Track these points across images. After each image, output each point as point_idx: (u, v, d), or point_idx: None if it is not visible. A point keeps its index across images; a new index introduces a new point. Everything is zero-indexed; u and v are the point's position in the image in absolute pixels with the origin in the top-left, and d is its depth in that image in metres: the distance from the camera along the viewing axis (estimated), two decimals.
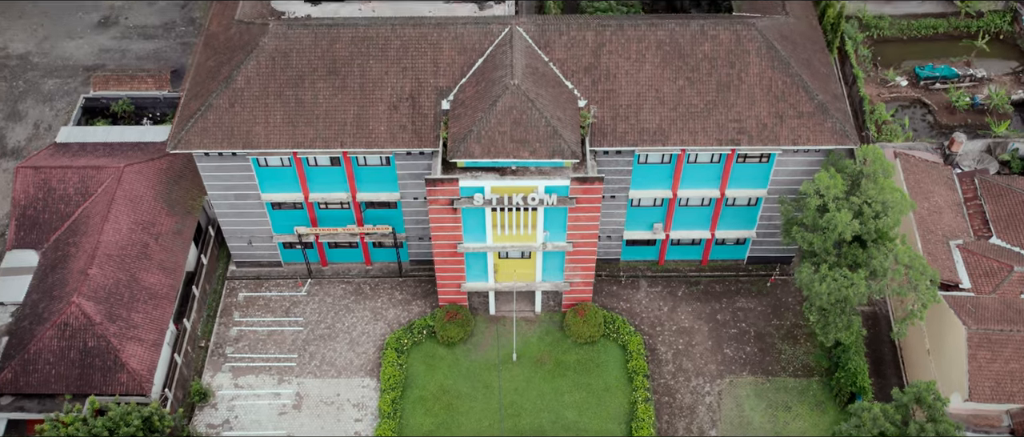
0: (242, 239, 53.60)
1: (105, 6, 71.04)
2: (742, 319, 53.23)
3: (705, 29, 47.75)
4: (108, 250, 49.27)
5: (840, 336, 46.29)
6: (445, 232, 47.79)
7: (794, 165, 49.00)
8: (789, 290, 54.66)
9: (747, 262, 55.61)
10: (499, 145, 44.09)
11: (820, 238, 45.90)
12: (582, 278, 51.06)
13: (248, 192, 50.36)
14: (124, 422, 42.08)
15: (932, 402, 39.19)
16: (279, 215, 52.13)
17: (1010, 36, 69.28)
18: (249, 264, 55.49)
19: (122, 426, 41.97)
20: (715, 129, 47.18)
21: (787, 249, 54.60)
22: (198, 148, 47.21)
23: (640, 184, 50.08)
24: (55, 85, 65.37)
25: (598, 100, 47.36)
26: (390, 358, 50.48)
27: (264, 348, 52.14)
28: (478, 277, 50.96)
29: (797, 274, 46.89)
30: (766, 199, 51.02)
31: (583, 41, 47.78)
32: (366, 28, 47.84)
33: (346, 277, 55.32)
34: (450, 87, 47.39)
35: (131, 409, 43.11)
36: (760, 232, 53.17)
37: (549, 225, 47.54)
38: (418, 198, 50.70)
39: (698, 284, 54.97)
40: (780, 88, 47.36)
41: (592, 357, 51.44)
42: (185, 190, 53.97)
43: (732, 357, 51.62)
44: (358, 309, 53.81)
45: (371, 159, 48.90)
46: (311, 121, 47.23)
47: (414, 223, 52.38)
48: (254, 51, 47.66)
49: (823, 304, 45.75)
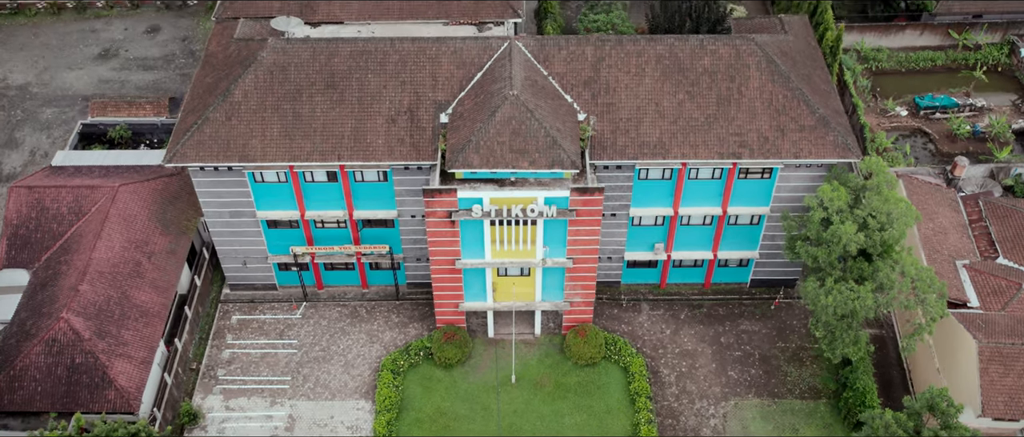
0: (237, 260, 52.72)
1: (106, 39, 71.39)
2: (746, 341, 52.06)
3: (704, 44, 47.68)
4: (100, 267, 48.38)
5: (847, 351, 45.12)
6: (443, 247, 46.97)
7: (797, 180, 48.43)
8: (794, 313, 53.59)
9: (750, 285, 54.64)
10: (498, 155, 43.59)
11: (825, 251, 45.08)
12: (583, 297, 50.05)
13: (243, 209, 49.68)
14: None
15: (945, 408, 37.91)
16: (275, 235, 51.35)
17: (1008, 68, 69.47)
18: (243, 287, 54.50)
19: None
20: (716, 142, 46.74)
21: (791, 271, 53.71)
22: (194, 161, 46.68)
23: (641, 202, 49.44)
24: (53, 114, 65.20)
25: (598, 113, 47.04)
26: (386, 379, 49.17)
27: (257, 370, 50.86)
28: (476, 296, 49.95)
29: (802, 289, 45.96)
30: (769, 217, 50.33)
31: (582, 56, 47.67)
32: (365, 43, 47.77)
33: (342, 300, 54.29)
34: (449, 101, 47.12)
35: (117, 426, 41.76)
36: (763, 252, 52.34)
37: (549, 240, 46.75)
38: (416, 216, 50.01)
39: (701, 307, 53.93)
40: (781, 102, 47.07)
41: (593, 379, 50.13)
42: (180, 211, 53.30)
43: (737, 379, 50.32)
44: (354, 331, 52.67)
45: (368, 175, 48.35)
46: (308, 134, 46.82)
47: (412, 243, 51.59)
48: (252, 65, 47.49)
49: (829, 319, 44.72)
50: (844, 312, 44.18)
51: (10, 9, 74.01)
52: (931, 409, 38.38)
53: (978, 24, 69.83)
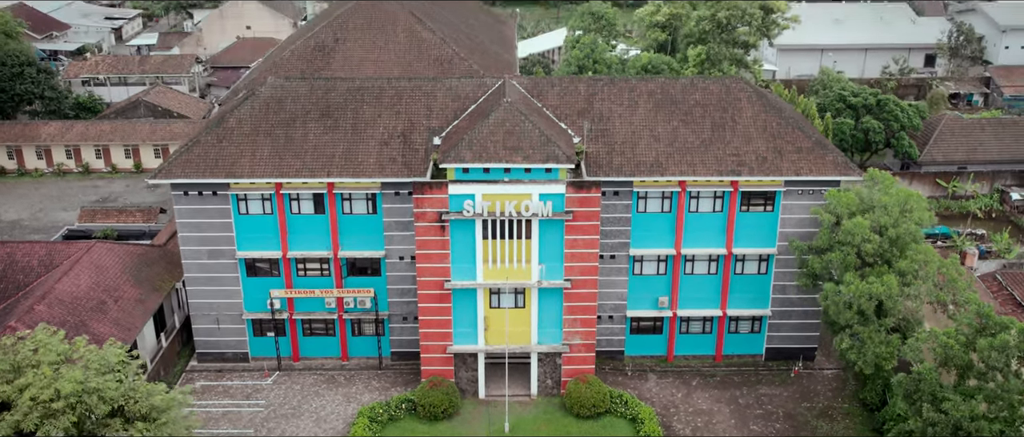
0: (209, 318, 48.86)
1: (106, 192, 72.25)
2: (767, 403, 46.62)
3: (694, 83, 48.69)
4: (61, 296, 44.88)
5: (878, 351, 40.33)
6: (431, 264, 43.97)
7: (801, 212, 46.65)
8: (817, 379, 48.59)
9: (765, 357, 50.13)
10: (491, 151, 42.58)
11: (839, 255, 42.29)
12: (583, 339, 45.73)
13: (223, 247, 47.14)
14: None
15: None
16: (253, 285, 48.15)
17: (1002, 214, 69.64)
18: (213, 357, 49.85)
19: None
20: (714, 162, 45.86)
21: (809, 338, 49.59)
22: (179, 177, 45.35)
23: (641, 240, 47.16)
24: (40, 236, 64.06)
25: (593, 138, 46.69)
26: (362, 424, 43.27)
27: (216, 425, 44.87)
28: (466, 336, 45.64)
29: (821, 294, 42.35)
30: (777, 261, 47.69)
31: (575, 91, 48.45)
32: (362, 81, 48.77)
33: (319, 371, 49.41)
34: (443, 126, 47.00)
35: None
36: (776, 311, 48.75)
37: (545, 255, 43.92)
38: (405, 258, 47.39)
39: (714, 376, 49.00)
40: (776, 128, 46.96)
41: (597, 431, 44.12)
42: (156, 273, 50.52)
43: (760, 433, 44.29)
44: (329, 394, 47.33)
45: (357, 206, 46.64)
46: (299, 154, 46.03)
47: (399, 294, 48.24)
48: (249, 98, 48.06)
49: (851, 317, 40.69)
50: (867, 309, 40.37)
51: (17, 172, 75.76)
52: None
53: (965, 173, 71.28)
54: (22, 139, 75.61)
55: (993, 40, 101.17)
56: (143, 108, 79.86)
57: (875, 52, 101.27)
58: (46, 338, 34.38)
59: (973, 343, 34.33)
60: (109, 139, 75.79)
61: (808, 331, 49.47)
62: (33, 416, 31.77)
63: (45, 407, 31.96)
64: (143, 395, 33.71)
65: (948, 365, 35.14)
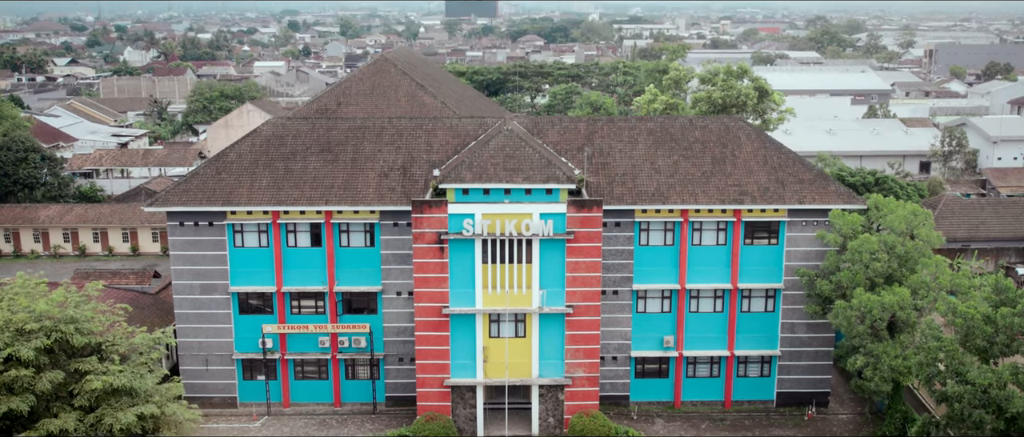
0: (198, 359, 47.10)
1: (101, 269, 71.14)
2: None
3: (693, 122, 49.06)
4: None
5: (895, 364, 38.58)
6: (429, 289, 42.81)
7: (806, 244, 45.90)
8: (832, 423, 46.34)
9: (777, 402, 48.00)
10: (491, 172, 42.38)
11: (847, 274, 41.29)
12: (586, 371, 43.92)
13: (217, 281, 46.05)
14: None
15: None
16: (245, 323, 46.73)
17: None
18: (199, 401, 47.57)
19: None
20: (716, 192, 45.53)
21: (821, 381, 47.67)
22: (177, 205, 44.86)
23: (644, 274, 46.15)
24: None
25: (593, 170, 46.55)
26: None
27: None
28: (465, 369, 43.84)
29: (832, 313, 41.00)
30: (785, 297, 46.47)
31: (575, 129, 48.71)
32: (363, 120, 49.11)
33: (311, 416, 47.17)
34: (443, 161, 46.95)
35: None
36: (785, 351, 47.10)
37: (545, 281, 42.84)
38: (402, 293, 46.23)
39: (724, 420, 46.77)
40: (776, 161, 46.93)
41: None
42: (145, 316, 49.09)
43: None
44: (320, 436, 44.98)
45: (355, 239, 45.95)
46: (298, 185, 45.76)
47: (395, 333, 46.73)
48: (250, 135, 48.27)
49: (862, 331, 39.28)
50: (880, 324, 39.04)
51: (12, 255, 75.10)
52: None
53: (969, 250, 70.64)
54: (20, 221, 75.40)
55: (986, 152, 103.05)
56: (144, 195, 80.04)
57: (870, 159, 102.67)
58: (25, 277, 35.21)
59: (992, 319, 33.01)
60: (107, 222, 75.56)
61: (820, 373, 47.64)
62: (4, 335, 31.35)
63: (18, 329, 31.46)
64: (122, 335, 33.43)
65: (969, 340, 33.61)
